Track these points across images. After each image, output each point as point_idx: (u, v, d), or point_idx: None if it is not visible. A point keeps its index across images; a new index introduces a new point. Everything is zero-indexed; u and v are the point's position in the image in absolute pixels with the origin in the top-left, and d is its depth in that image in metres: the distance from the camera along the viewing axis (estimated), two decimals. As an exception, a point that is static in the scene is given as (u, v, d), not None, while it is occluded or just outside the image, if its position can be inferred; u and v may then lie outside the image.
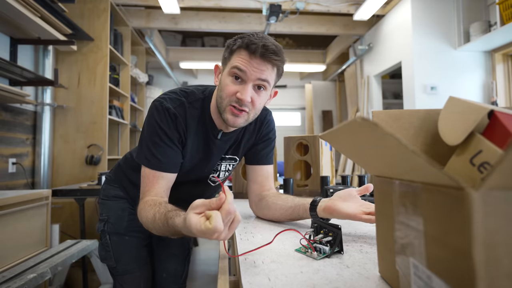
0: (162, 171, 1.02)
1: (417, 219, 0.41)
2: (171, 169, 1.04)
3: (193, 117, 1.07)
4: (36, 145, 3.04)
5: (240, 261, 0.70)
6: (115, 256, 1.27)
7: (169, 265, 1.41)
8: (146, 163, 1.02)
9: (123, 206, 1.32)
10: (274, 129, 1.27)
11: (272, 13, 3.62)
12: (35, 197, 2.02)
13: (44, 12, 2.46)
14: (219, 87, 1.03)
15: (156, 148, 1.01)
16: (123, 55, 4.12)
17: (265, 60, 0.96)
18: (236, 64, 0.97)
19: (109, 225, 1.29)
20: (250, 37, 0.96)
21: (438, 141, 0.57)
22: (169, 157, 1.03)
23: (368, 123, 0.37)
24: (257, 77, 0.97)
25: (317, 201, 0.95)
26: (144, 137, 1.05)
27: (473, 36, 3.48)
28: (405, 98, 3.96)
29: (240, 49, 0.97)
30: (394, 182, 0.48)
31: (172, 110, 1.02)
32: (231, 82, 0.99)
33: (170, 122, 1.02)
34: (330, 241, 0.73)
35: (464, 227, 0.31)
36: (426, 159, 0.33)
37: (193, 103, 1.08)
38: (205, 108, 1.10)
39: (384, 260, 0.56)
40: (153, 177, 1.01)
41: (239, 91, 0.98)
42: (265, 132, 1.23)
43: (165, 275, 1.40)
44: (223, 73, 1.03)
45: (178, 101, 1.06)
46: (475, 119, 0.50)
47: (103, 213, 1.33)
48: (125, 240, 1.29)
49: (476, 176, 0.48)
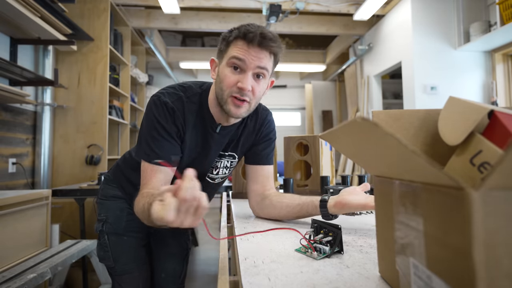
0: (160, 165, 1.02)
1: (417, 219, 0.41)
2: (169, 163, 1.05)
3: (191, 111, 1.08)
4: (36, 145, 3.05)
5: (240, 261, 0.70)
6: (114, 256, 1.28)
7: (168, 265, 1.41)
8: (145, 157, 1.03)
9: (121, 206, 1.32)
10: (274, 130, 1.27)
11: (272, 13, 3.62)
12: (35, 197, 2.02)
13: (44, 12, 2.46)
14: (218, 80, 1.04)
15: (154, 142, 1.02)
16: (123, 55, 4.12)
17: (263, 47, 0.98)
18: (235, 54, 0.97)
19: (108, 225, 1.30)
20: (246, 27, 0.97)
21: (438, 141, 0.57)
22: (167, 151, 1.04)
23: (368, 123, 0.37)
24: (256, 65, 0.98)
25: (327, 199, 0.98)
26: (143, 132, 1.06)
27: (473, 36, 3.48)
28: (405, 98, 3.96)
29: (237, 39, 0.98)
30: (394, 182, 0.48)
31: (170, 105, 1.03)
32: (230, 73, 1.00)
33: (168, 116, 1.03)
34: (330, 241, 0.73)
35: (464, 227, 0.31)
36: (426, 159, 0.33)
37: (191, 98, 1.09)
38: (203, 102, 1.11)
39: (384, 260, 0.56)
40: (151, 171, 1.02)
41: (240, 81, 0.99)
42: (265, 132, 1.23)
43: (164, 275, 1.40)
44: (221, 65, 1.03)
45: (176, 95, 1.07)
46: (475, 119, 0.50)
47: (102, 213, 1.33)
48: (123, 240, 1.29)
49: (476, 176, 0.48)
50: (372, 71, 4.84)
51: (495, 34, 3.19)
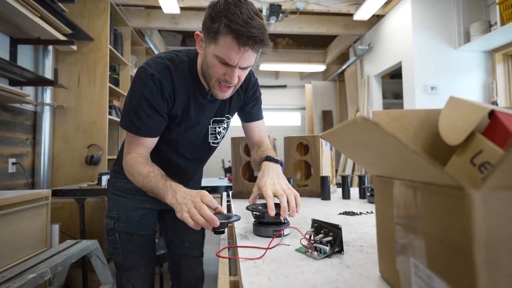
0: (142, 136, 1.09)
1: (418, 219, 0.41)
2: (151, 134, 1.11)
3: (179, 80, 1.10)
4: (36, 145, 3.05)
5: (240, 261, 0.70)
6: (123, 253, 1.30)
7: (191, 236, 1.50)
8: (127, 128, 1.09)
9: (134, 206, 1.32)
10: (259, 88, 1.36)
11: (272, 13, 3.62)
12: (35, 197, 2.02)
13: (44, 12, 2.46)
14: (205, 62, 1.05)
15: (138, 117, 1.07)
16: (123, 55, 4.12)
17: (254, 50, 0.99)
18: (223, 55, 0.98)
19: (120, 223, 1.30)
20: (236, 21, 0.92)
21: (438, 141, 0.57)
22: (149, 126, 1.09)
23: (368, 123, 0.37)
24: (244, 64, 1.02)
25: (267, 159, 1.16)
26: (128, 104, 1.09)
27: (473, 36, 3.48)
28: (405, 98, 3.96)
29: (227, 36, 0.95)
30: (394, 182, 0.48)
31: (157, 76, 1.05)
32: (218, 64, 1.01)
33: (154, 89, 1.05)
34: (331, 241, 0.73)
35: (465, 226, 0.31)
36: (426, 158, 0.33)
37: (178, 66, 1.11)
38: (192, 70, 1.13)
39: (385, 260, 0.56)
40: (134, 139, 1.10)
41: (227, 73, 1.03)
42: (251, 92, 1.32)
43: (188, 245, 1.49)
44: (208, 49, 1.02)
45: (163, 65, 1.08)
46: (475, 119, 0.50)
47: (113, 210, 1.32)
48: (134, 238, 1.32)
49: (477, 176, 0.48)
50: (372, 71, 4.84)
51: (495, 34, 3.19)
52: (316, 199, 1.58)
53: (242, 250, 0.78)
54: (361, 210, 1.26)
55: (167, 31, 5.67)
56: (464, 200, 0.31)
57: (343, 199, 1.56)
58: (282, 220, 0.93)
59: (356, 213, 1.19)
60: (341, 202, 1.47)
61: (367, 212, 1.21)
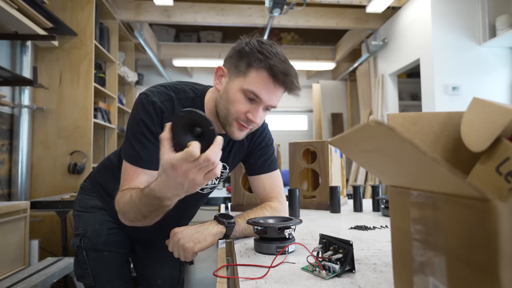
0: (143, 167, 1.06)
1: (437, 234, 0.41)
2: (153, 166, 1.07)
3: None
4: (13, 152, 3.05)
5: (240, 281, 0.70)
6: (93, 274, 1.28)
7: (164, 271, 1.45)
8: (127, 158, 1.07)
9: (101, 219, 1.32)
10: (269, 135, 1.33)
11: (276, 5, 3.62)
12: (11, 210, 2.02)
13: (22, 3, 2.48)
14: (225, 97, 1.07)
15: (138, 143, 1.06)
16: (109, 52, 4.14)
17: (285, 88, 1.05)
18: (255, 89, 1.02)
19: (86, 240, 1.29)
20: (273, 59, 1.00)
21: (460, 148, 0.57)
22: (151, 153, 1.06)
23: (382, 127, 0.37)
24: (272, 104, 1.06)
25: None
26: (128, 132, 1.09)
27: (499, 30, 3.49)
28: (423, 99, 3.96)
29: (261, 70, 1.01)
30: (411, 193, 0.48)
31: (158, 104, 1.06)
32: (243, 100, 1.04)
33: (154, 117, 1.06)
34: (341, 259, 0.73)
35: (490, 243, 0.31)
36: (447, 167, 0.33)
37: (182, 100, 1.12)
38: (196, 108, 1.12)
39: (401, 280, 0.56)
40: (133, 172, 1.06)
41: (250, 112, 1.05)
42: (258, 141, 1.30)
43: (160, 282, 1.44)
44: (232, 83, 1.06)
45: (167, 95, 1.10)
46: (502, 123, 0.50)
47: (79, 227, 1.32)
48: (104, 256, 1.30)
49: (503, 186, 0.48)
50: (387, 69, 4.85)
51: (524, 28, 3.20)
52: (325, 211, 1.57)
53: (243, 269, 0.78)
54: (374, 224, 1.26)
55: (159, 25, 5.71)
56: (489, 213, 0.31)
57: (355, 212, 1.56)
58: (287, 236, 0.93)
59: (369, 228, 1.19)
60: (352, 215, 1.47)
61: (381, 227, 1.21)
